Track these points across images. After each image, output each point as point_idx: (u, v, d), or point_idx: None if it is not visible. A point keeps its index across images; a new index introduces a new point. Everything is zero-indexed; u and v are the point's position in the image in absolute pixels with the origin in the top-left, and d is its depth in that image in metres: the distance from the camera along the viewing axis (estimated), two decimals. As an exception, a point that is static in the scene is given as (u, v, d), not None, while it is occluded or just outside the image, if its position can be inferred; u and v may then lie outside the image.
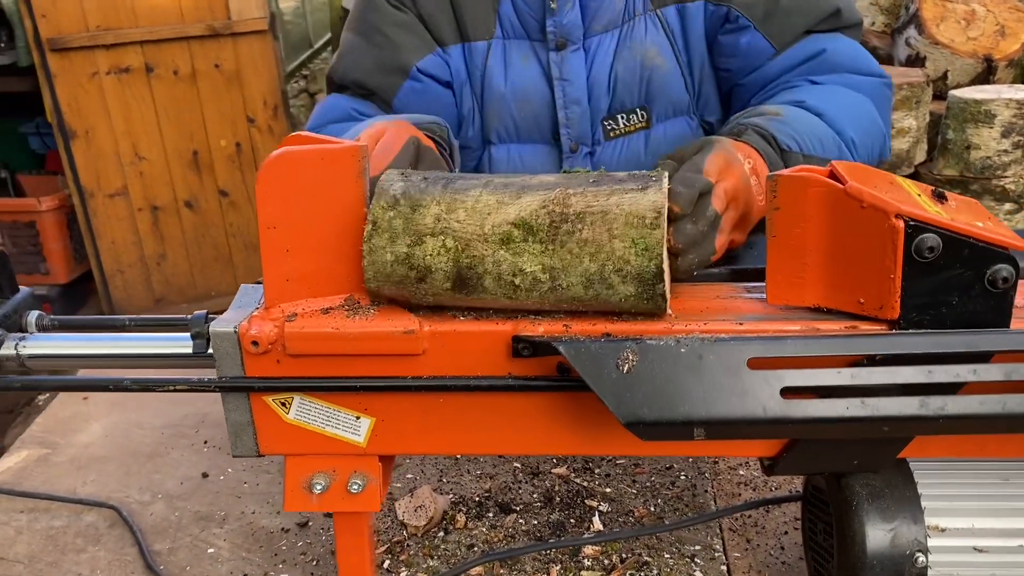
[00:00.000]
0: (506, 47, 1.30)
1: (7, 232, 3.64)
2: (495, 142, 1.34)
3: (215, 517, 1.17)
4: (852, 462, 0.78)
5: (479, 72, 1.31)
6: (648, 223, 0.69)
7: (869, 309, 0.71)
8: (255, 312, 0.78)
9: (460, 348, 0.76)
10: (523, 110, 1.31)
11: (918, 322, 0.70)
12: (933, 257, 0.68)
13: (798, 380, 0.67)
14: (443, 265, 0.71)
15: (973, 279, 0.69)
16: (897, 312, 0.70)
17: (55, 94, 3.22)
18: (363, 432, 0.82)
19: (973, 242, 0.67)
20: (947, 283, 0.69)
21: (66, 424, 1.41)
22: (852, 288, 0.72)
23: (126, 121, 3.32)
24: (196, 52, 3.25)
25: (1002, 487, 0.82)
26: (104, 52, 3.18)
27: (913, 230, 0.67)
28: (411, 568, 1.07)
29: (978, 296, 0.69)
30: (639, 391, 0.68)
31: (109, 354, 0.81)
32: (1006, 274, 0.68)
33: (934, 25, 3.48)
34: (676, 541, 1.08)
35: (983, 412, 0.67)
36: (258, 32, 3.25)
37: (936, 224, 0.67)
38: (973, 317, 0.70)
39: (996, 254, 0.68)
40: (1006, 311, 0.70)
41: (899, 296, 0.69)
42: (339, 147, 0.74)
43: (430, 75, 1.29)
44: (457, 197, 0.72)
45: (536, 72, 1.29)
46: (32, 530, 1.16)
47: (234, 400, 0.81)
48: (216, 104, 3.36)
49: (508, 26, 1.29)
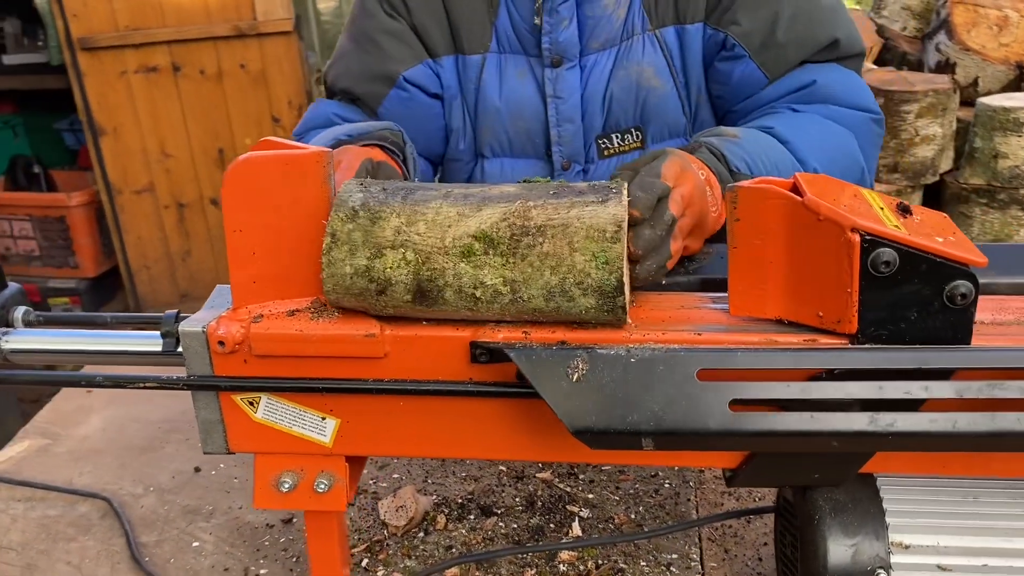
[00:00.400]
0: (501, 61, 1.29)
1: (38, 226, 3.73)
2: (488, 156, 1.34)
3: (203, 511, 1.20)
4: (812, 476, 0.77)
5: (473, 85, 1.30)
6: (608, 236, 0.70)
7: (828, 323, 0.71)
8: (224, 313, 0.80)
9: (421, 353, 0.77)
10: (516, 125, 1.30)
11: (876, 337, 0.70)
12: (889, 272, 0.67)
13: (747, 392, 0.67)
14: (403, 278, 0.72)
15: (932, 295, 0.68)
16: (855, 326, 0.69)
17: (85, 92, 3.29)
18: (329, 433, 0.83)
19: (931, 257, 0.67)
20: (905, 298, 0.68)
21: (68, 417, 1.44)
22: (811, 301, 0.71)
23: (153, 119, 3.39)
24: (222, 52, 3.30)
25: (970, 505, 0.81)
26: (133, 51, 3.25)
27: (869, 244, 0.67)
28: (388, 567, 1.08)
29: (937, 312, 0.68)
30: (588, 400, 0.69)
31: (85, 350, 0.83)
32: (964, 290, 0.67)
33: (965, 31, 3.42)
34: (654, 549, 1.08)
35: (933, 430, 0.66)
36: (283, 33, 3.29)
37: (893, 239, 0.67)
38: (933, 333, 0.69)
39: (955, 270, 0.67)
40: (966, 328, 0.69)
41: (856, 310, 0.69)
42: (303, 153, 0.75)
43: (417, 85, 1.29)
44: (417, 209, 0.73)
45: (531, 88, 1.28)
46: (27, 518, 1.20)
47: (204, 398, 0.83)
48: (241, 103, 3.41)
49: (504, 40, 1.29)
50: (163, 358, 0.83)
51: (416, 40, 1.30)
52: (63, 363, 0.94)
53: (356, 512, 1.18)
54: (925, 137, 3.08)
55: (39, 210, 3.71)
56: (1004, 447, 0.67)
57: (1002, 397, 0.65)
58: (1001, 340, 0.72)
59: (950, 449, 0.71)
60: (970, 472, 0.78)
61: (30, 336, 0.86)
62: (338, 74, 1.33)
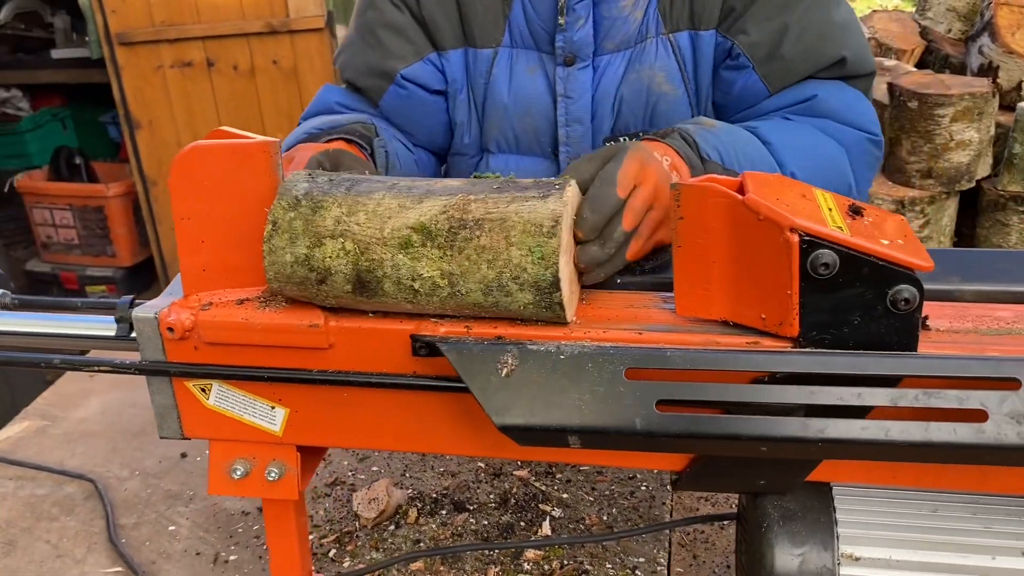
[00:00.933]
0: (513, 56, 1.27)
1: (78, 215, 3.83)
2: (493, 151, 1.33)
3: (183, 496, 1.22)
4: (757, 483, 0.76)
5: (482, 80, 1.29)
6: (545, 231, 0.69)
7: (771, 325, 0.69)
8: (176, 300, 0.81)
9: (365, 345, 0.77)
10: (524, 122, 1.28)
11: (819, 341, 0.68)
12: (829, 274, 0.65)
13: (675, 393, 0.66)
14: (343, 268, 0.72)
15: (875, 299, 0.66)
16: (796, 330, 0.68)
17: (122, 86, 3.37)
18: (278, 422, 0.83)
19: (872, 260, 0.65)
20: (847, 302, 0.66)
21: (68, 399, 1.48)
22: (755, 303, 0.70)
23: (187, 113, 3.45)
24: (255, 48, 3.35)
25: (928, 519, 0.78)
26: (168, 46, 3.32)
27: (808, 245, 0.65)
28: (355, 559, 1.08)
29: (881, 317, 0.66)
30: (516, 395, 0.68)
31: (43, 332, 0.85)
32: (908, 295, 0.65)
33: (1009, 33, 3.32)
34: (621, 551, 1.07)
35: (865, 438, 0.64)
36: (315, 30, 3.33)
37: (832, 240, 0.65)
38: (877, 338, 0.67)
39: (898, 274, 0.65)
40: (912, 334, 0.67)
41: (797, 313, 0.67)
42: (250, 142, 0.76)
43: (416, 83, 1.29)
44: (359, 200, 0.73)
45: (542, 86, 1.26)
46: (16, 497, 1.23)
47: (157, 383, 0.84)
48: (273, 99, 3.45)
49: (517, 35, 1.27)
50: (121, 343, 0.84)
51: (420, 34, 1.29)
52: (36, 346, 0.95)
53: (331, 503, 1.19)
54: (960, 142, 2.99)
55: (79, 200, 3.81)
56: (937, 458, 0.65)
57: (938, 406, 0.63)
58: (951, 348, 0.69)
59: (884, 459, 0.69)
60: (921, 484, 0.76)
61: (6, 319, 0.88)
62: (344, 64, 1.33)
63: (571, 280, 0.74)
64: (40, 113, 4.43)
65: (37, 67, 4.11)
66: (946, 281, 0.81)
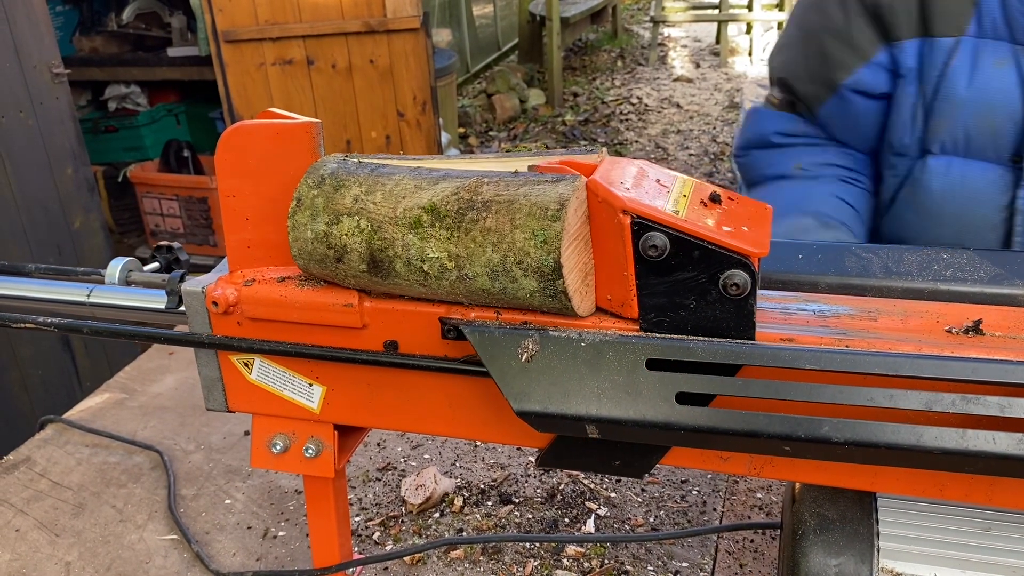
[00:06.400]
0: (977, 47, 1.11)
1: (183, 206, 4.03)
2: (936, 152, 1.17)
3: (242, 472, 1.26)
4: (613, 463, 0.73)
5: (935, 72, 1.13)
6: (550, 215, 0.67)
7: (615, 306, 0.68)
8: (222, 276, 0.84)
9: (399, 325, 0.78)
10: (981, 122, 1.12)
11: (657, 323, 0.66)
12: (659, 256, 0.63)
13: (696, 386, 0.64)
14: (357, 246, 0.72)
15: (708, 283, 0.63)
16: (635, 312, 0.66)
17: (227, 82, 3.52)
18: (316, 399, 0.85)
19: (702, 244, 0.62)
20: (681, 285, 0.64)
21: (147, 375, 1.55)
22: (604, 285, 0.69)
23: (287, 109, 3.50)
24: (353, 47, 3.44)
25: (979, 537, 0.74)
26: (271, 44, 3.44)
27: (639, 227, 0.62)
28: (398, 543, 1.09)
29: (715, 302, 0.63)
30: (536, 381, 0.67)
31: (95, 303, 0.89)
32: (738, 280, 0.62)
33: None
34: (665, 555, 1.04)
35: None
36: (411, 30, 3.39)
37: (662, 223, 0.62)
38: (714, 324, 0.64)
39: (729, 259, 0.62)
40: (747, 320, 0.64)
41: (635, 295, 0.65)
42: (293, 123, 0.77)
43: (859, 91, 1.19)
44: (379, 180, 0.73)
45: (1012, 80, 1.09)
46: (90, 463, 1.30)
47: (204, 356, 0.87)
48: (369, 97, 3.54)
49: (988, 24, 1.10)
50: (171, 316, 0.88)
51: (868, 31, 1.17)
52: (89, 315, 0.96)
53: (380, 487, 1.20)
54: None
55: (185, 191, 4.00)
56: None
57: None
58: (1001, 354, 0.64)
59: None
60: (971, 499, 0.71)
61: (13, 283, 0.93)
62: (781, 63, 1.27)
63: (585, 270, 0.72)
64: (156, 108, 4.68)
65: (154, 64, 4.34)
66: (1012, 285, 0.76)
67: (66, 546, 1.12)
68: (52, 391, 2.79)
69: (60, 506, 1.19)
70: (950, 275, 0.74)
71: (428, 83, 3.56)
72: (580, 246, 0.69)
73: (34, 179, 2.75)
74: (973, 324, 0.67)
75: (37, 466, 1.29)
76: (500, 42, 8.36)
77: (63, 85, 2.85)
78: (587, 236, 0.72)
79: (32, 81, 2.73)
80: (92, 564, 1.08)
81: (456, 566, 1.04)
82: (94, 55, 4.54)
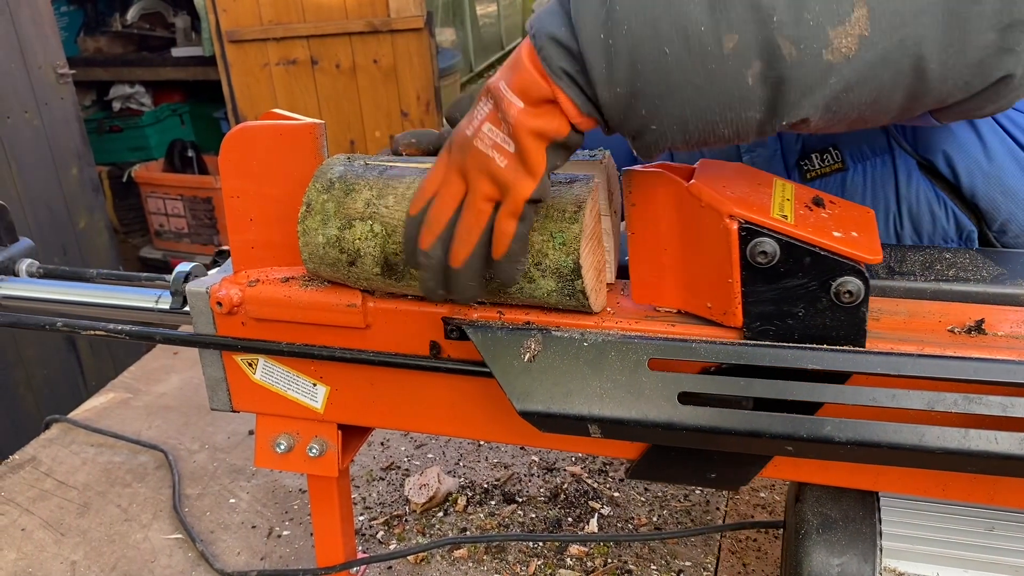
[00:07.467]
0: None
1: (188, 205, 4.03)
2: None
3: (246, 471, 1.26)
4: (709, 475, 0.73)
5: None
6: (568, 217, 0.68)
7: (716, 314, 0.67)
8: (226, 276, 0.84)
9: (401, 326, 0.78)
10: None
11: (763, 332, 0.65)
12: (768, 263, 0.62)
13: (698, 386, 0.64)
14: (372, 250, 0.73)
15: (819, 291, 0.62)
16: (740, 319, 0.65)
17: (231, 82, 3.53)
18: (320, 399, 0.85)
19: (814, 250, 0.61)
20: (791, 293, 0.63)
21: (151, 374, 1.55)
22: (701, 292, 0.67)
23: (291, 109, 3.56)
24: (357, 47, 3.44)
25: (982, 537, 0.74)
26: (274, 44, 3.45)
27: (748, 233, 0.62)
28: (402, 542, 1.10)
29: (826, 310, 0.63)
30: (539, 381, 0.67)
31: (99, 303, 0.89)
32: (852, 287, 0.61)
33: None
34: (668, 554, 1.04)
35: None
36: (415, 30, 3.39)
37: (773, 228, 0.61)
38: (823, 332, 0.63)
39: (842, 265, 0.61)
40: (859, 328, 0.63)
41: (740, 303, 0.64)
42: (296, 124, 0.78)
43: None
44: (390, 183, 0.73)
45: None
46: (95, 462, 1.30)
47: (209, 356, 0.87)
48: (373, 97, 3.54)
49: None
50: (175, 316, 0.88)
51: None
52: (46, 311, 0.95)
53: (384, 487, 1.21)
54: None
55: (189, 190, 4.01)
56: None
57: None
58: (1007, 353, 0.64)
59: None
60: (973, 499, 0.71)
61: (25, 284, 0.93)
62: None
63: (599, 268, 0.72)
64: (160, 108, 4.68)
65: (158, 65, 4.35)
66: (1015, 285, 0.76)
67: (71, 545, 1.12)
68: (57, 391, 2.80)
69: (65, 505, 1.20)
70: (953, 275, 0.74)
71: (432, 83, 3.56)
72: (594, 245, 0.70)
73: (39, 179, 2.76)
74: (975, 324, 0.67)
75: (42, 466, 1.30)
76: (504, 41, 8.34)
77: (68, 85, 2.85)
78: (600, 235, 0.72)
79: (37, 81, 2.74)
80: (97, 563, 1.09)
81: (460, 565, 1.04)
82: (99, 55, 4.54)
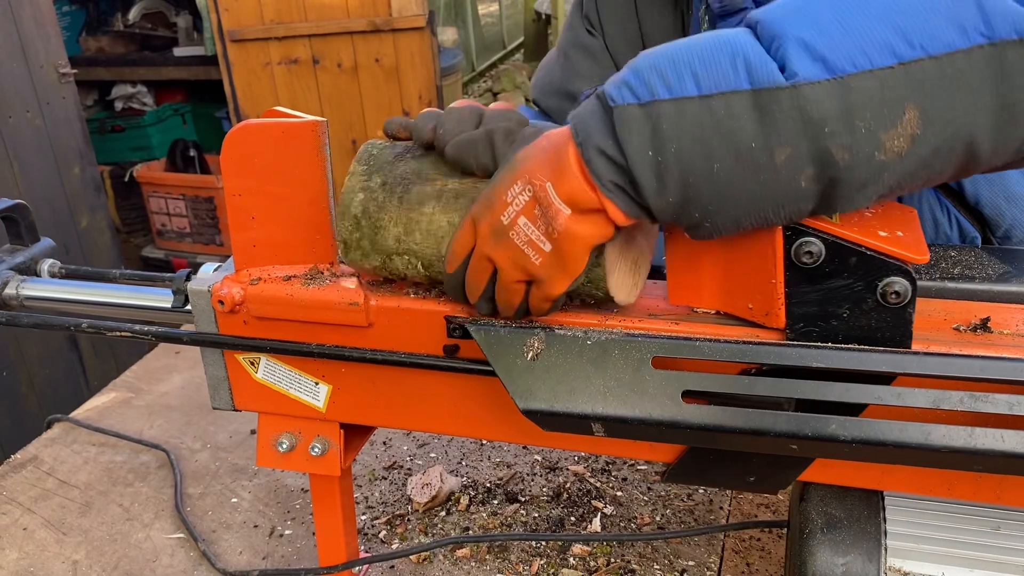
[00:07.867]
0: None
1: (190, 205, 4.03)
2: None
3: (248, 470, 1.26)
4: (747, 479, 0.72)
5: None
6: (591, 262, 0.68)
7: (757, 315, 0.66)
8: (228, 274, 0.84)
9: (404, 325, 0.78)
10: None
11: (806, 333, 0.64)
12: (814, 263, 0.61)
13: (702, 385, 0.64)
14: (417, 276, 0.75)
15: (864, 291, 0.62)
16: (783, 321, 0.64)
17: (232, 81, 3.53)
18: (322, 398, 0.85)
19: (861, 250, 0.60)
20: (835, 293, 0.62)
21: (153, 373, 1.55)
22: (742, 292, 0.67)
23: (293, 108, 3.51)
24: (359, 46, 3.44)
25: (988, 536, 0.73)
26: (276, 44, 3.45)
27: (792, 232, 0.61)
28: (404, 541, 1.09)
29: (872, 310, 0.62)
30: (542, 380, 0.67)
31: (99, 301, 0.89)
32: (899, 288, 0.60)
33: None
34: (671, 553, 1.04)
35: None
36: (417, 29, 3.39)
37: (818, 228, 0.61)
38: (868, 333, 0.63)
39: (888, 266, 0.60)
40: (905, 329, 0.62)
41: (783, 304, 0.64)
42: (298, 122, 0.77)
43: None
44: (412, 217, 0.73)
45: None
46: (97, 461, 1.30)
47: (211, 355, 0.87)
48: (375, 96, 3.54)
49: None
50: (177, 315, 0.88)
51: (608, 59, 1.24)
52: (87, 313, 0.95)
53: (387, 486, 1.20)
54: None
55: (191, 190, 4.01)
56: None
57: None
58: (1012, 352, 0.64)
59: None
60: (979, 498, 0.71)
61: (47, 285, 0.93)
62: (535, 84, 1.32)
63: (634, 278, 0.72)
64: (162, 108, 4.68)
65: (160, 64, 4.35)
66: (1020, 283, 0.75)
67: (73, 545, 1.12)
68: (59, 390, 2.80)
69: (67, 505, 1.20)
70: (958, 273, 0.74)
71: (434, 82, 3.56)
72: (629, 266, 0.70)
73: (41, 179, 2.76)
74: (981, 322, 0.66)
75: (44, 465, 1.29)
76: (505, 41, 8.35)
77: (70, 85, 2.86)
78: (635, 257, 0.72)
79: (39, 81, 2.74)
80: (99, 563, 1.08)
81: (462, 565, 1.04)
82: (100, 55, 4.55)
